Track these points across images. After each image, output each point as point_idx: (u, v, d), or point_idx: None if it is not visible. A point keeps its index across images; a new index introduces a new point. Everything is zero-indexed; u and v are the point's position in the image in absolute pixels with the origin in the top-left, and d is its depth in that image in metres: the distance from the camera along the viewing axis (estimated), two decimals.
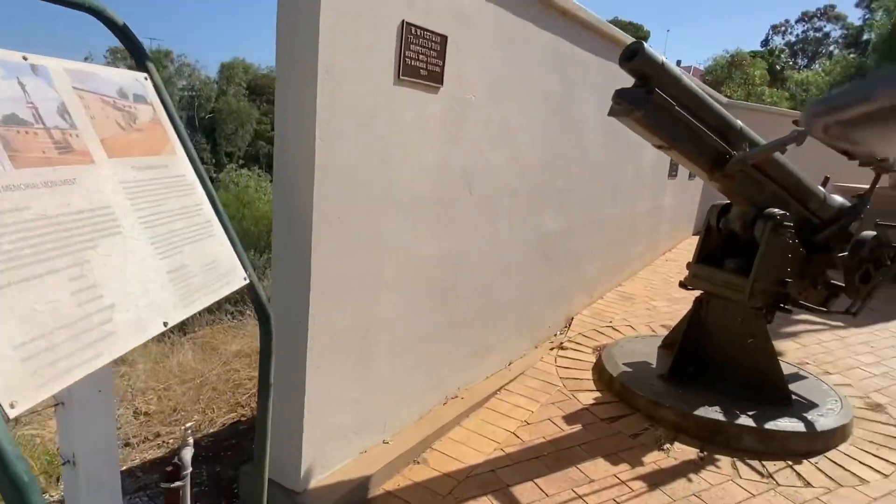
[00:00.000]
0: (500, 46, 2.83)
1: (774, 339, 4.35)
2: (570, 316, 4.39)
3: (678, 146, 2.87)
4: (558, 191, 3.79)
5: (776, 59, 45.86)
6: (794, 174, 3.21)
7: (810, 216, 3.30)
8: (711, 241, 3.42)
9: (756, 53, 43.17)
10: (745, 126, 3.05)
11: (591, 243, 4.53)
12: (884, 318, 5.11)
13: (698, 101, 2.86)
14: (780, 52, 47.93)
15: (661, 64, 2.67)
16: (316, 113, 1.91)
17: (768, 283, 3.10)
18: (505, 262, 3.27)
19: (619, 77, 2.93)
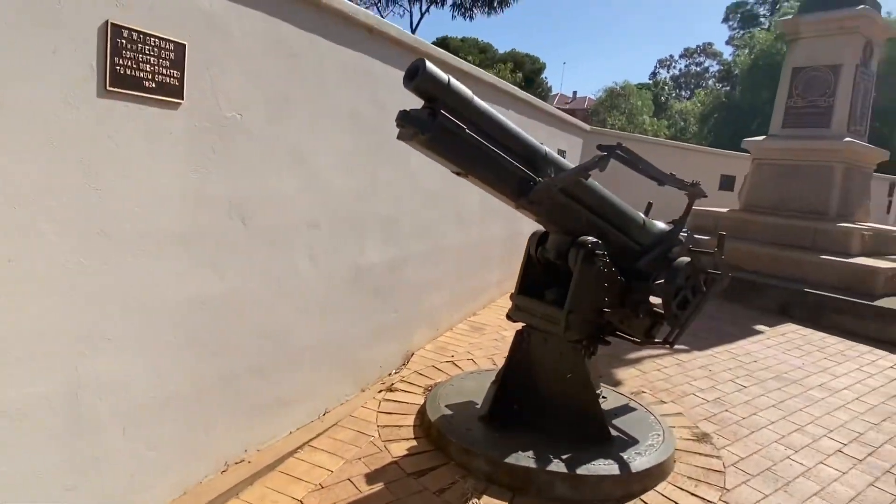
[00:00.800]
0: (278, 60, 2.52)
1: (617, 366, 4.30)
2: (410, 352, 4.09)
3: (475, 172, 2.67)
4: (382, 220, 3.51)
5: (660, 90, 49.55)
6: (610, 200, 3.11)
7: (630, 243, 3.21)
8: (532, 270, 3.25)
9: (643, 85, 46.44)
10: (552, 151, 2.91)
11: (432, 274, 4.28)
12: (724, 339, 5.22)
13: (496, 125, 2.67)
14: (665, 85, 51.96)
15: (448, 84, 2.45)
16: None
17: (585, 313, 2.94)
18: (307, 301, 2.92)
19: None
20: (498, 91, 5.13)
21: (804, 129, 7.50)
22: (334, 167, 2.98)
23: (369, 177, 3.29)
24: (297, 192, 2.74)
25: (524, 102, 5.82)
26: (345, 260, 3.19)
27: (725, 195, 10.68)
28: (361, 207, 3.27)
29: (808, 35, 7.45)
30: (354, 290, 3.32)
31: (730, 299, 6.69)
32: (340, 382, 3.32)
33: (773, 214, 7.52)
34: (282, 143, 2.60)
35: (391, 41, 3.29)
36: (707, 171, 10.84)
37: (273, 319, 2.71)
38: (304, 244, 2.85)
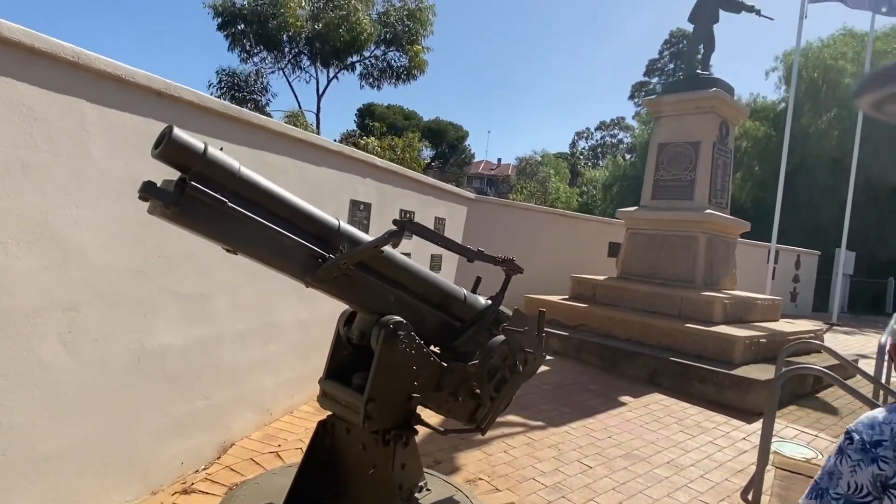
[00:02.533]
0: (11, 123, 2.22)
1: (463, 448, 4.04)
2: (229, 443, 3.68)
3: (244, 250, 2.41)
4: (182, 297, 3.17)
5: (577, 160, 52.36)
6: (421, 275, 2.93)
7: (450, 321, 3.04)
8: (340, 352, 2.99)
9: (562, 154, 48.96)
10: (346, 224, 2.72)
11: (260, 353, 3.93)
12: (585, 413, 5.11)
13: (272, 199, 2.45)
14: (581, 154, 55.05)
15: (203, 153, 2.22)
16: None
17: (390, 400, 2.69)
18: (58, 395, 2.51)
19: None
20: (358, 163, 5.00)
21: (670, 200, 7.86)
22: (103, 241, 2.66)
23: (158, 251, 2.98)
24: (42, 271, 2.39)
25: (392, 173, 5.73)
26: (122, 345, 2.82)
27: (612, 262, 11.03)
28: (148, 284, 2.94)
29: (670, 113, 7.95)
30: (139, 378, 2.93)
31: (605, 369, 6.68)
32: (118, 486, 2.87)
33: (644, 282, 7.73)
34: (15, 215, 2.27)
35: (189, 105, 3.07)
36: (596, 239, 11.19)
37: (1, 421, 2.28)
38: (55, 330, 2.47)
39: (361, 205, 5.03)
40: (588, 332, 7.38)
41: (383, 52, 21.42)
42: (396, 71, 21.50)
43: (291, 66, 20.71)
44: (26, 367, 2.37)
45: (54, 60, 2.35)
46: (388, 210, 5.58)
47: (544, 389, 5.70)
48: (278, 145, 3.87)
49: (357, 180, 4.97)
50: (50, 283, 2.43)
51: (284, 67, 20.71)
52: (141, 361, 2.94)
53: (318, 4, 19.22)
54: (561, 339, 7.24)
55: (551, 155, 41.03)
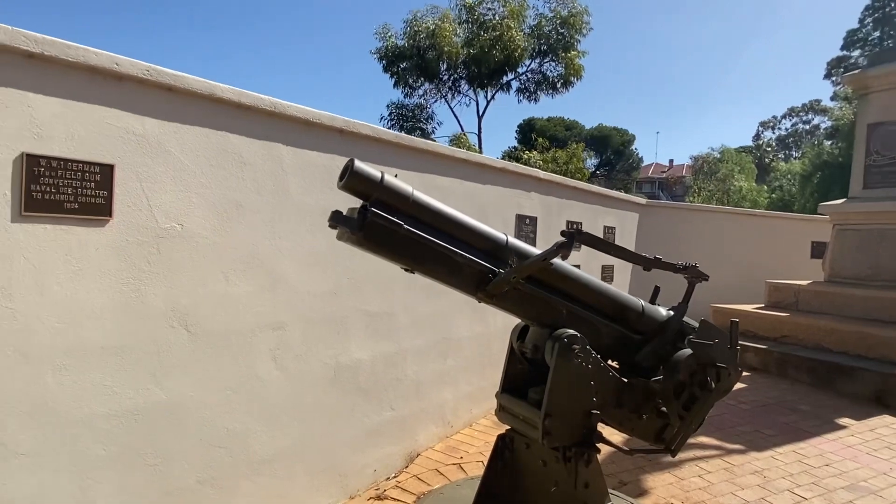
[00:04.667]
0: (225, 170, 2.60)
1: (649, 470, 3.78)
2: (415, 453, 3.86)
3: (421, 269, 2.54)
4: (369, 315, 3.43)
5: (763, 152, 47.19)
6: (594, 286, 2.84)
7: (628, 333, 2.90)
8: (515, 366, 2.99)
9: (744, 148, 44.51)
10: (514, 238, 2.73)
11: (439, 367, 4.09)
12: (793, 436, 4.49)
13: (444, 219, 2.55)
14: (768, 146, 49.50)
15: (380, 181, 2.40)
16: None
17: (568, 416, 2.63)
18: (270, 405, 2.84)
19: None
20: (521, 177, 5.04)
21: (887, 188, 6.69)
22: (302, 267, 2.98)
23: (348, 273, 3.26)
24: (255, 296, 2.74)
25: (556, 184, 5.67)
26: (320, 360, 3.11)
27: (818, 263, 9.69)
28: (339, 305, 3.22)
29: (881, 88, 6.79)
30: (335, 391, 3.21)
31: (815, 386, 5.85)
32: (321, 490, 3.15)
33: (861, 286, 6.63)
34: (233, 248, 2.64)
35: (365, 139, 3.34)
36: (795, 239, 9.92)
37: (226, 427, 2.65)
38: (266, 347, 2.81)
39: (527, 219, 5.04)
40: (792, 344, 6.52)
41: (539, 65, 21.44)
42: (552, 81, 21.35)
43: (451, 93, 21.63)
44: (247, 381, 2.73)
45: (256, 112, 2.71)
46: (555, 222, 5.51)
47: (742, 409, 5.14)
48: (445, 168, 4.04)
49: (521, 195, 4.99)
50: (261, 306, 2.78)
51: (445, 95, 21.70)
52: (336, 375, 3.22)
53: (472, 29, 19.90)
54: (758, 353, 6.50)
55: (732, 150, 37.38)
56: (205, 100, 2.50)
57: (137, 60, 2.23)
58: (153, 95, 2.32)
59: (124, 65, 2.18)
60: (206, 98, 2.49)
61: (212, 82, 2.51)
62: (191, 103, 2.46)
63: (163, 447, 2.40)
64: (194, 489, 2.52)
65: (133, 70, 2.21)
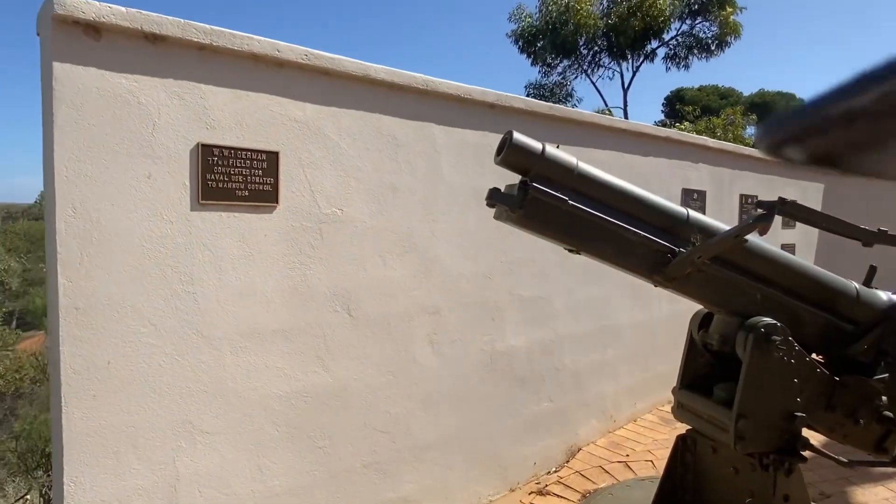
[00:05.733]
0: (380, 153, 2.56)
1: (858, 482, 3.19)
2: (576, 448, 3.62)
3: (588, 249, 2.29)
4: (523, 300, 3.25)
5: None
6: (795, 267, 2.41)
7: (839, 322, 2.43)
8: (696, 359, 2.64)
9: None
10: (696, 212, 2.38)
11: (599, 357, 3.79)
12: None
13: (614, 193, 2.28)
14: None
15: (541, 153, 2.19)
16: (57, 252, 1.76)
17: (767, 418, 2.26)
18: (429, 391, 2.78)
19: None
20: (687, 146, 4.53)
21: None
22: (455, 250, 2.87)
23: (501, 256, 3.10)
24: (411, 279, 2.69)
25: (727, 153, 5.05)
26: (476, 346, 3.00)
27: None
28: (493, 289, 3.07)
29: None
30: (491, 379, 3.08)
31: None
32: (480, 481, 3.05)
33: None
34: (389, 231, 2.60)
35: (517, 112, 3.13)
36: None
37: (389, 411, 2.63)
38: (423, 332, 2.75)
39: (695, 193, 4.52)
40: None
41: (690, 27, 19.58)
42: (705, 43, 19.36)
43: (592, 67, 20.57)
44: (405, 365, 2.69)
45: (409, 91, 2.63)
46: (726, 196, 4.92)
47: None
48: (603, 139, 3.71)
49: (688, 166, 4.49)
50: (416, 289, 2.72)
51: (586, 70, 20.69)
52: (493, 361, 3.09)
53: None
54: None
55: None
56: (360, 82, 2.46)
57: (296, 46, 2.23)
58: (311, 80, 2.32)
59: (284, 51, 2.19)
60: (360, 80, 2.45)
61: (366, 63, 2.46)
62: (346, 86, 2.43)
63: (330, 429, 2.43)
64: (360, 472, 2.53)
65: (292, 55, 2.21)
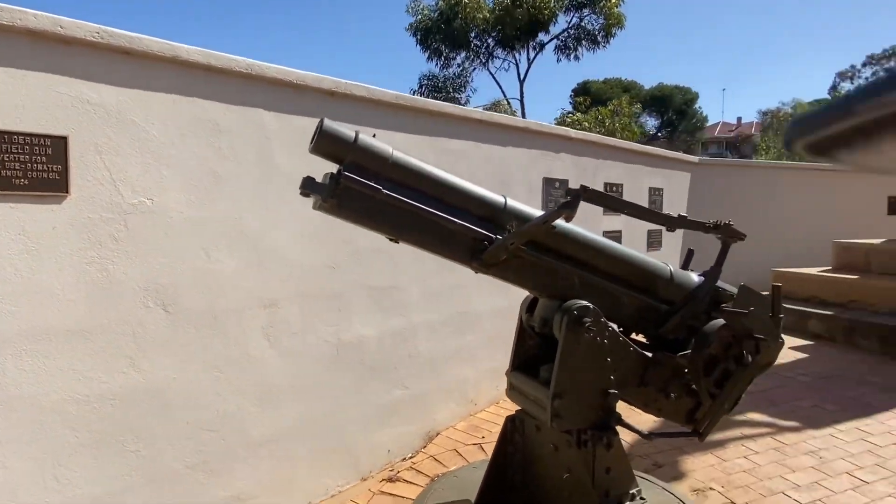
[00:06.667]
0: (199, 139, 2.43)
1: (689, 451, 3.44)
2: (434, 432, 3.68)
3: (409, 238, 2.29)
4: (373, 290, 3.24)
5: None
6: (610, 251, 2.52)
7: (654, 303, 2.58)
8: (526, 341, 2.73)
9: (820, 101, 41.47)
10: (514, 201, 2.44)
11: (459, 343, 3.87)
12: (858, 411, 4.02)
13: (430, 181, 2.29)
14: None
15: (354, 141, 2.16)
16: None
17: (582, 396, 2.36)
18: (267, 385, 2.71)
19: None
20: (548, 137, 4.68)
21: None
22: (294, 240, 2.80)
23: (347, 246, 3.07)
24: (241, 272, 2.59)
25: (590, 143, 5.26)
26: (320, 337, 2.95)
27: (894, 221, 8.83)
28: (339, 279, 3.04)
29: None
30: (338, 369, 3.05)
31: (887, 355, 5.27)
32: (328, 472, 3.03)
33: None
34: (214, 222, 2.49)
35: (361, 101, 3.09)
36: (871, 195, 9.06)
37: (218, 409, 2.53)
38: (258, 325, 2.67)
39: (557, 182, 4.69)
40: (861, 309, 5.92)
41: (579, 18, 20.34)
42: (592, 34, 20.19)
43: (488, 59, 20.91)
44: (236, 361, 2.60)
45: (230, 75, 2.51)
46: (590, 185, 5.11)
47: (801, 382, 4.68)
48: (459, 130, 3.75)
49: (550, 156, 4.64)
50: (249, 282, 2.63)
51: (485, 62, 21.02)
52: (339, 353, 3.06)
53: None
54: (823, 320, 5.93)
55: (805, 103, 34.82)
56: (170, 63, 2.32)
57: (84, 22, 2.06)
58: (110, 61, 2.16)
59: (69, 27, 2.02)
60: (171, 62, 2.32)
61: (175, 44, 2.33)
62: (154, 68, 2.28)
63: (145, 432, 2.30)
64: (184, 474, 2.43)
65: (79, 33, 2.05)
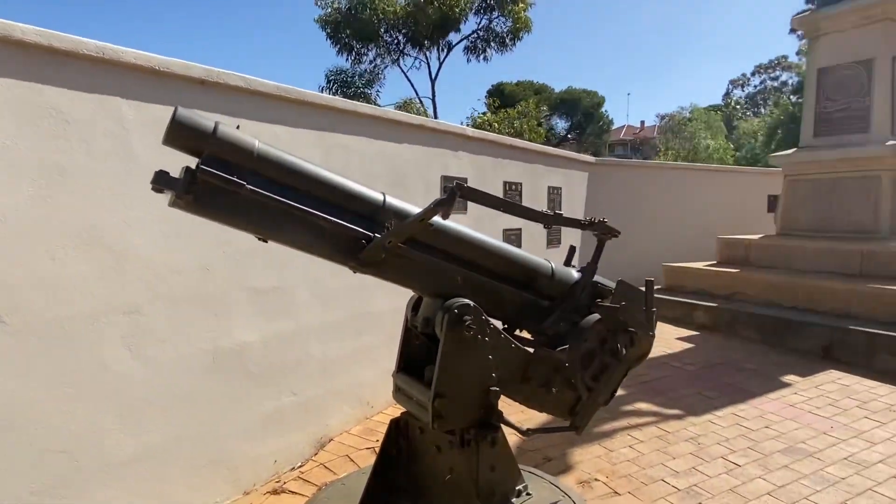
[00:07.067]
0: (41, 128, 2.18)
1: (577, 443, 3.52)
2: (327, 438, 3.55)
3: (279, 237, 2.16)
4: (256, 292, 3.07)
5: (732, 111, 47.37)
6: (491, 248, 2.50)
7: (536, 300, 2.59)
8: (412, 342, 2.67)
9: (714, 107, 44.46)
10: (394, 198, 2.37)
11: (357, 344, 3.76)
12: (736, 397, 4.29)
13: (299, 176, 2.17)
14: (736, 104, 49.68)
15: (213, 132, 2.00)
16: None
17: (463, 395, 2.32)
18: (129, 401, 2.49)
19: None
20: (446, 135, 4.66)
21: (839, 136, 6.47)
22: (159, 241, 2.59)
23: (224, 246, 2.88)
24: (95, 276, 2.36)
25: (489, 143, 5.30)
26: (193, 345, 2.75)
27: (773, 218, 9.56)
28: (215, 282, 2.85)
29: (831, 30, 6.51)
30: (216, 378, 2.86)
31: (767, 344, 5.68)
32: (205, 488, 2.83)
33: (811, 238, 6.45)
34: (59, 221, 2.24)
35: (237, 91, 2.92)
36: (754, 193, 9.77)
37: (69, 429, 2.29)
38: (116, 335, 2.44)
39: (454, 180, 4.66)
40: (741, 301, 6.35)
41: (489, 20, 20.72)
42: (501, 37, 20.65)
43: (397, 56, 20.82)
44: (91, 374, 2.36)
45: (77, 59, 2.28)
46: (489, 184, 5.17)
47: (686, 371, 4.94)
48: (350, 125, 3.64)
49: (448, 154, 4.62)
50: (105, 287, 2.40)
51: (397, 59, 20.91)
52: (216, 361, 2.87)
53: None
54: (708, 311, 6.31)
55: (701, 109, 37.23)
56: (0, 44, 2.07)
57: None
58: None
59: None
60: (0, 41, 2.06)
61: (8, 22, 2.07)
62: None
63: None
64: (27, 502, 2.18)
65: None
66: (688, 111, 36.02)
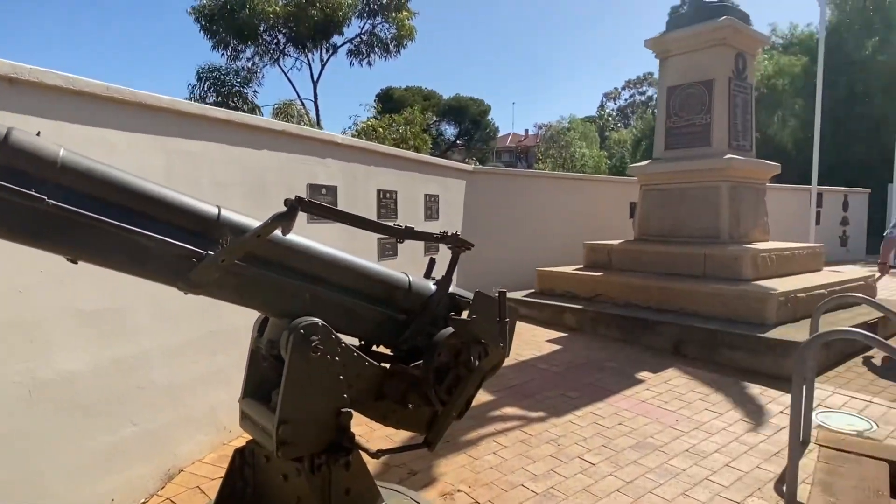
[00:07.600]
0: None
1: (444, 453, 3.52)
2: (176, 469, 3.28)
3: (92, 257, 1.93)
4: (84, 315, 2.76)
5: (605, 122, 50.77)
6: (341, 263, 2.41)
7: (394, 314, 2.53)
8: (259, 364, 2.52)
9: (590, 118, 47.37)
10: (231, 212, 2.21)
11: (211, 365, 3.51)
12: (596, 396, 4.53)
13: (116, 189, 1.95)
14: (609, 116, 53.36)
15: (5, 139, 1.74)
16: None
17: (312, 419, 2.21)
18: None
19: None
20: (312, 142, 4.50)
21: (685, 149, 7.10)
22: None
23: (42, 264, 2.55)
24: None
25: (360, 150, 5.21)
26: (3, 377, 2.41)
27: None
28: (31, 305, 2.52)
29: (677, 52, 7.14)
30: (33, 414, 2.53)
31: (627, 342, 6.06)
32: None
33: (664, 242, 7.02)
34: None
35: (56, 91, 2.61)
36: (619, 201, 10.44)
37: None
38: None
39: (323, 188, 4.54)
40: (605, 302, 6.75)
41: (372, 25, 20.69)
42: (385, 43, 20.71)
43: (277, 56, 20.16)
44: None
45: None
46: (361, 192, 5.08)
47: (552, 372, 5.15)
48: (197, 129, 3.40)
49: (315, 161, 4.47)
50: None
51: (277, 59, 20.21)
52: (34, 394, 2.54)
53: None
54: (575, 313, 6.64)
55: (578, 119, 39.58)
56: None
57: None
58: None
59: None
60: None
61: None
62: None
63: None
64: None
65: None
66: (566, 121, 38.13)
